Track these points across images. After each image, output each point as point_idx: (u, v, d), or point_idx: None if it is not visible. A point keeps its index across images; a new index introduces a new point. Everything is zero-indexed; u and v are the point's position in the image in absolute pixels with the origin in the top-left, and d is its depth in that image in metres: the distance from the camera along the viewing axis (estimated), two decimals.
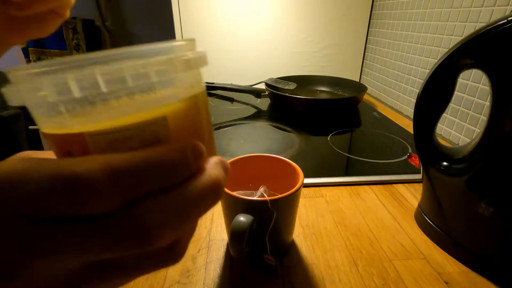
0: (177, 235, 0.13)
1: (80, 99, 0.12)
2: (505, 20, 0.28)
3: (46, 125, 0.14)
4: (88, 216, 0.11)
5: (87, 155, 0.13)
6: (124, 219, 0.12)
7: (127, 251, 0.12)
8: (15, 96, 0.12)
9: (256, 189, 0.34)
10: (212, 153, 0.17)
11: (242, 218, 0.29)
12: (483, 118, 0.59)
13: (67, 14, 0.32)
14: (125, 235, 0.12)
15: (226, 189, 0.30)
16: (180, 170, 0.13)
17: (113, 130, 0.13)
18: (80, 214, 0.11)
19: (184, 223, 0.13)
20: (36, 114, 0.14)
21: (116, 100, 0.13)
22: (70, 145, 0.13)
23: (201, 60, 0.15)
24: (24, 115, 0.80)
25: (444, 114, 0.58)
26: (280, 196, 0.30)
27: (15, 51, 1.22)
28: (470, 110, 0.63)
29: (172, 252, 0.14)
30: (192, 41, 0.16)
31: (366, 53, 1.13)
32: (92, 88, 0.12)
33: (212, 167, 0.15)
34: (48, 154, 0.15)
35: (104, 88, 0.12)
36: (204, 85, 0.17)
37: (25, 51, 1.22)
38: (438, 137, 0.39)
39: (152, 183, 0.12)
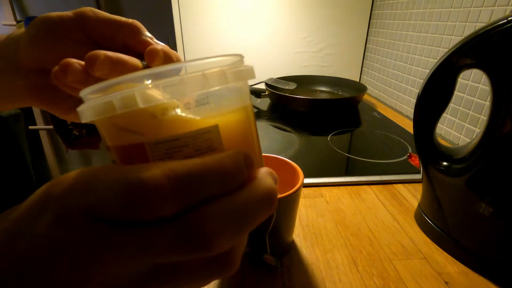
0: (234, 243, 0.13)
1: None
2: (505, 20, 0.28)
3: (111, 138, 0.15)
4: (150, 221, 0.12)
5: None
6: (185, 224, 0.12)
7: (186, 256, 0.12)
8: (87, 112, 0.14)
9: None
10: (261, 164, 0.18)
11: None
12: (483, 118, 0.59)
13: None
14: (186, 239, 0.12)
15: None
16: (234, 176, 0.13)
17: (170, 139, 0.14)
18: (143, 218, 0.12)
19: (241, 229, 0.13)
20: (102, 126, 0.15)
21: (174, 111, 0.14)
22: (132, 155, 0.14)
23: (249, 73, 0.16)
24: (24, 115, 0.80)
25: (444, 114, 0.58)
26: (280, 196, 0.30)
27: None
28: (470, 110, 0.63)
29: (228, 261, 0.14)
30: (240, 56, 0.17)
31: (366, 53, 1.13)
32: (153, 100, 0.13)
33: (264, 176, 0.15)
34: None
35: (164, 100, 0.13)
36: (250, 98, 0.18)
37: None
38: (438, 137, 0.39)
39: (210, 188, 0.13)
